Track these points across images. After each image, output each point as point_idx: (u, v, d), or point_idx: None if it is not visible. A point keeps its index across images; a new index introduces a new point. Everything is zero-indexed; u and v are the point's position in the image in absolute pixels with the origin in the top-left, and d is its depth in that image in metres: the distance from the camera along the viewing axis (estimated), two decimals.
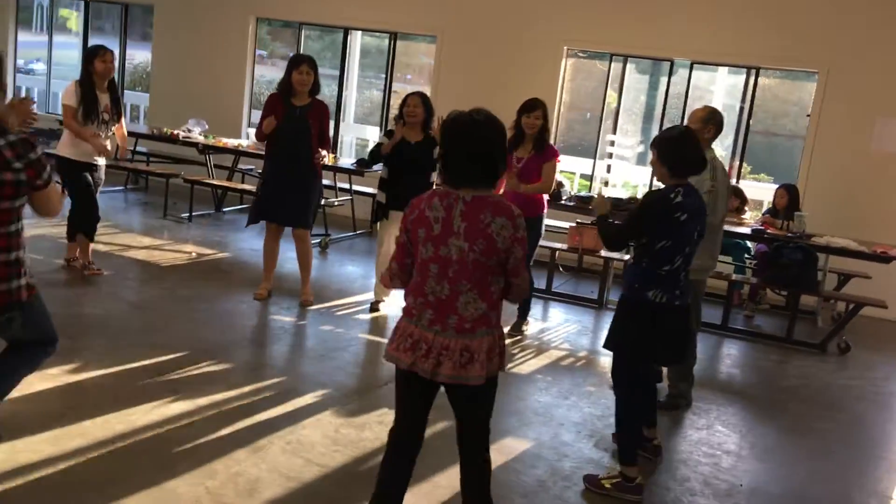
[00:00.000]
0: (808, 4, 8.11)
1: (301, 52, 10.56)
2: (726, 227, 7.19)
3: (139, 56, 12.77)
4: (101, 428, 3.83)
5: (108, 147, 6.17)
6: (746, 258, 7.85)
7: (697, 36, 8.49)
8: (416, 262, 2.88)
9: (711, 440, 4.65)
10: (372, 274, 7.41)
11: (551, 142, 6.23)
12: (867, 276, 7.47)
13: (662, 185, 3.87)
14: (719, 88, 10.59)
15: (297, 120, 5.91)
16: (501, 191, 5.65)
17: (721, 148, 9.88)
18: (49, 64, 12.44)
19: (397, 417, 3.04)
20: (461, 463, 3.08)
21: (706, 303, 7.67)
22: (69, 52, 12.80)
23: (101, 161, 6.20)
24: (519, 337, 6.12)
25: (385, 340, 5.66)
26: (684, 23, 8.51)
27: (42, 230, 7.15)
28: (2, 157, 2.67)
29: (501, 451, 4.06)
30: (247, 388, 4.53)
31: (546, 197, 6.07)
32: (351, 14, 10.00)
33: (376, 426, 4.24)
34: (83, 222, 6.21)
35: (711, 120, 4.87)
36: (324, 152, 6.08)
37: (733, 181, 8.68)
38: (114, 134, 6.26)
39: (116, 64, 6.59)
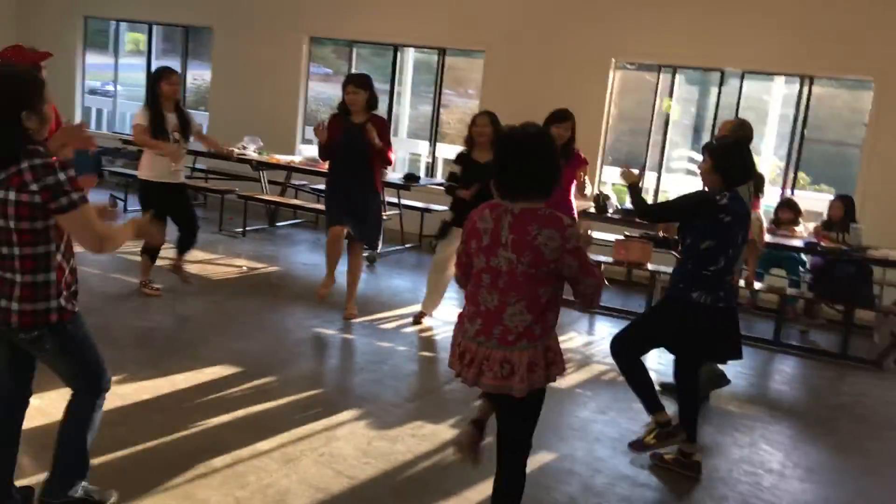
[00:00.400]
0: (861, 12, 7.87)
1: (353, 69, 10.74)
2: (779, 241, 7.07)
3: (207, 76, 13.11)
4: (136, 435, 3.94)
5: (179, 166, 6.35)
6: (801, 272, 7.64)
7: (748, 45, 8.33)
8: (472, 272, 2.99)
9: (753, 458, 4.54)
10: (420, 286, 7.47)
11: (601, 154, 6.33)
12: None
13: None
14: (775, 98, 10.37)
15: (355, 136, 6.02)
16: None
17: (778, 158, 9.68)
18: (116, 85, 12.88)
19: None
20: (497, 474, 3.09)
21: (759, 317, 7.56)
22: (140, 74, 13.15)
23: (180, 179, 6.38)
24: None
25: (426, 354, 5.73)
26: (735, 32, 8.36)
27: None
28: (21, 179, 2.71)
29: (532, 466, 4.02)
30: (284, 400, 4.61)
31: (576, 206, 6.24)
32: (400, 31, 10.12)
33: (409, 439, 4.26)
34: (150, 246, 6.39)
35: (738, 131, 5.01)
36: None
37: (788, 192, 8.50)
38: (185, 152, 6.46)
39: None
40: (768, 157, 10.60)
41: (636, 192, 4.35)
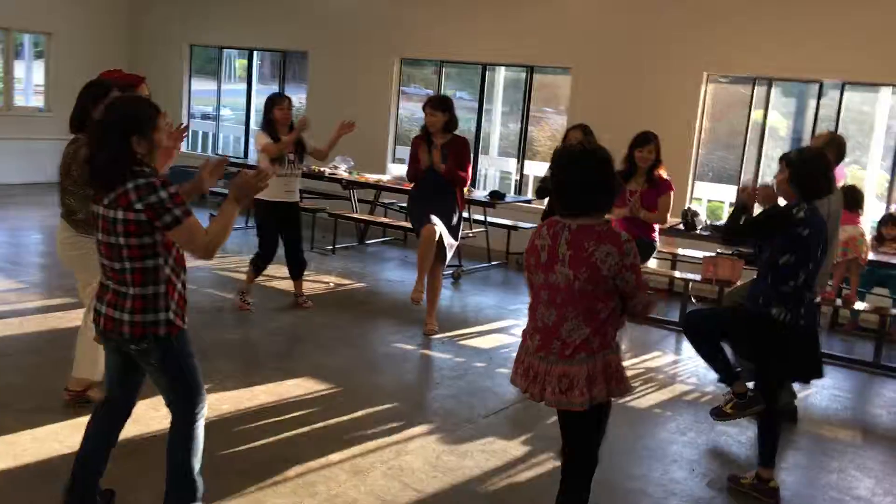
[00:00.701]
0: None
1: (443, 88, 10.89)
2: (883, 258, 6.74)
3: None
4: (214, 443, 4.04)
5: (288, 187, 6.55)
6: None
7: (848, 55, 7.97)
8: (533, 289, 3.04)
9: (841, 484, 4.32)
10: (505, 303, 7.50)
11: (691, 170, 6.13)
12: None
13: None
14: (881, 109, 9.87)
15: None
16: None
17: (885, 171, 9.21)
18: (220, 109, 13.45)
19: None
20: (560, 490, 3.09)
21: (860, 338, 7.21)
22: (243, 99, 13.66)
23: (293, 199, 6.63)
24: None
25: (503, 370, 5.72)
26: (833, 42, 8.02)
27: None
28: (127, 198, 2.91)
29: (604, 486, 3.96)
30: (358, 413, 4.69)
31: (657, 227, 6.08)
32: (488, 50, 10.20)
33: (478, 454, 4.26)
34: (259, 258, 6.65)
35: (831, 144, 4.82)
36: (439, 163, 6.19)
37: (893, 208, 8.08)
38: (300, 173, 6.74)
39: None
40: (874, 170, 10.10)
41: (738, 212, 4.20)
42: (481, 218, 9.36)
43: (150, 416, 4.11)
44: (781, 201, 4.17)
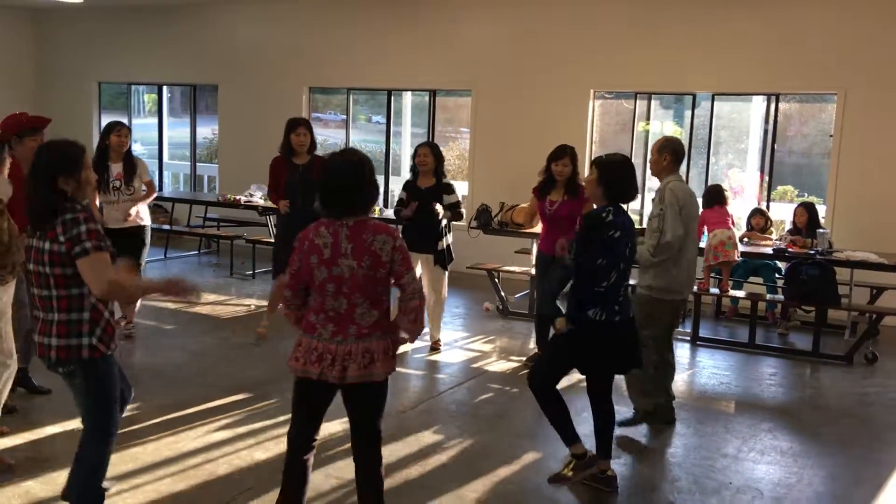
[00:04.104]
0: (823, 30, 8.33)
1: (352, 113, 11.37)
2: (752, 249, 7.49)
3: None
4: (151, 454, 4.45)
5: (123, 212, 6.55)
6: (777, 277, 8.03)
7: (717, 69, 8.83)
8: (313, 285, 3.27)
9: (710, 445, 4.94)
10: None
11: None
12: None
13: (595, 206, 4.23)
14: (755, 116, 10.81)
15: (301, 177, 6.48)
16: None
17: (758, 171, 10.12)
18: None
19: (294, 423, 3.52)
20: (357, 468, 3.52)
21: (740, 323, 7.96)
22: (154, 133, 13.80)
23: (128, 224, 6.55)
24: None
25: (419, 372, 6.19)
26: (704, 57, 8.87)
27: None
28: (54, 232, 3.23)
29: (514, 463, 4.49)
30: (282, 418, 5.08)
31: None
32: (393, 77, 10.74)
33: (395, 444, 4.72)
34: None
35: (666, 148, 5.07)
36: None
37: (763, 204, 8.92)
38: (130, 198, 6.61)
39: (188, 140, 7.02)
40: (752, 173, 11.04)
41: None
42: None
43: None
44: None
